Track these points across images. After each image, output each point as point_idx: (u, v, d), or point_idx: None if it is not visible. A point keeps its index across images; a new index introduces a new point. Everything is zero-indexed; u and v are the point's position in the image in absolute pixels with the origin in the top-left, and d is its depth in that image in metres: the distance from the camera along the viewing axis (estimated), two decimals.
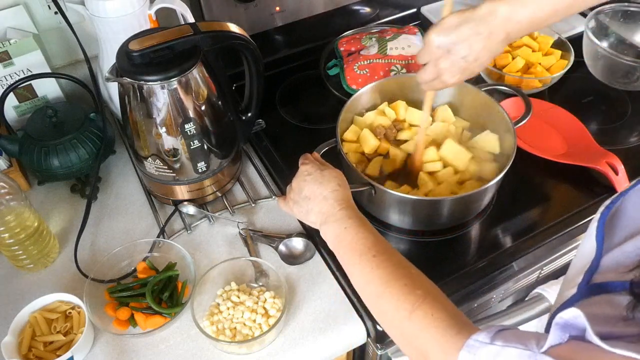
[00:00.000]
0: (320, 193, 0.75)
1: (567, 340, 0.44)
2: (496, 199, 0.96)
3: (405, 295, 0.61)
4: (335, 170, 0.79)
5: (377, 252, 0.67)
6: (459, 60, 0.73)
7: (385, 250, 0.68)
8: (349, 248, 0.70)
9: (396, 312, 0.62)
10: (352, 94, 0.98)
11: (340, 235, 0.71)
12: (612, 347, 0.39)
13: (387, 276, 0.64)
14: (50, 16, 1.09)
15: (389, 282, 0.63)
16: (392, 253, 0.68)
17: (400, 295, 0.62)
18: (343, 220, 0.72)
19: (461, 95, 1.00)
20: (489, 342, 0.50)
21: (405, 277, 0.64)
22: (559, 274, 0.97)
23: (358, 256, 0.68)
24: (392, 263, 0.66)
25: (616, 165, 0.97)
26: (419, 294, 0.61)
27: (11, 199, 0.82)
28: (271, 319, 0.80)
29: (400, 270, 0.65)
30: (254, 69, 0.93)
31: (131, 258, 0.88)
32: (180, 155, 0.89)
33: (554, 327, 0.45)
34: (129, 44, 0.79)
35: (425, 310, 0.59)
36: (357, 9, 1.32)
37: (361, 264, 0.67)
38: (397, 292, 0.62)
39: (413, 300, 0.60)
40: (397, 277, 0.64)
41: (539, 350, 0.45)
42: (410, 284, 0.62)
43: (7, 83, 1.01)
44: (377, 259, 0.66)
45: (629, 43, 1.20)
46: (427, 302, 0.60)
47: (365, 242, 0.68)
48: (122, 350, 0.80)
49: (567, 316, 0.44)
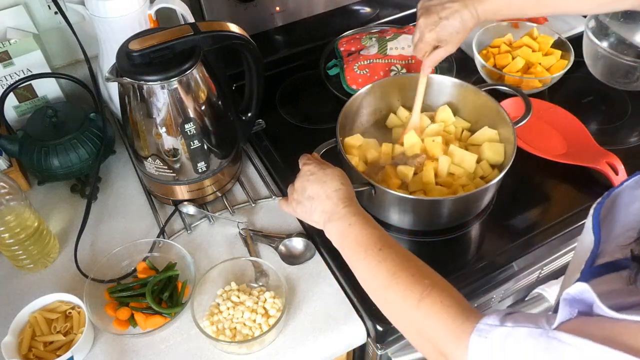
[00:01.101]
0: (323, 192, 0.75)
1: (576, 316, 0.45)
2: (496, 199, 0.96)
3: (413, 285, 0.62)
4: (337, 169, 0.79)
5: (383, 246, 0.67)
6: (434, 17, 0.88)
7: (391, 244, 0.68)
8: (354, 244, 0.70)
9: (404, 301, 0.62)
10: (352, 94, 0.98)
11: (345, 231, 0.71)
12: (620, 314, 0.40)
13: (394, 267, 0.65)
14: (50, 16, 1.09)
15: (396, 274, 0.64)
16: (398, 247, 0.68)
17: (407, 284, 0.62)
18: (347, 217, 0.72)
19: (461, 95, 1.00)
20: (499, 324, 0.51)
21: (412, 267, 0.64)
22: (559, 274, 0.97)
23: (364, 251, 0.68)
24: (399, 255, 0.66)
25: (616, 165, 0.97)
26: (426, 283, 0.61)
27: (11, 199, 0.82)
28: (271, 319, 0.80)
29: (406, 262, 0.65)
30: (254, 69, 0.93)
31: (131, 258, 0.88)
32: (180, 155, 0.89)
33: (562, 303, 0.45)
34: (129, 44, 0.79)
35: (434, 298, 0.60)
36: (357, 9, 1.32)
37: (367, 258, 0.68)
38: (405, 282, 0.63)
39: (421, 289, 0.61)
40: (403, 268, 0.64)
41: (550, 327, 0.45)
42: (417, 274, 0.63)
43: (7, 83, 1.01)
44: (384, 252, 0.67)
45: (629, 43, 1.20)
46: (435, 291, 0.60)
47: (370, 237, 0.69)
48: (122, 350, 0.80)
49: (574, 291, 0.44)
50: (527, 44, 1.18)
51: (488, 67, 1.14)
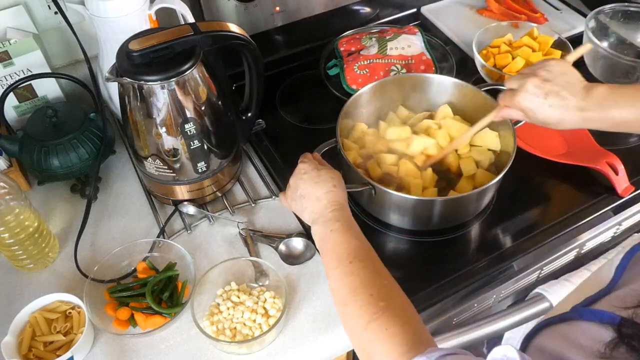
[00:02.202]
0: (314, 193, 0.75)
1: None
2: (496, 199, 0.96)
3: (367, 306, 0.62)
4: (333, 171, 0.79)
5: (354, 259, 0.67)
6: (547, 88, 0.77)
7: (364, 257, 0.68)
8: (330, 251, 0.70)
9: (356, 321, 0.62)
10: (352, 94, 0.98)
11: (325, 237, 0.71)
12: None
13: (356, 284, 0.64)
14: (50, 16, 1.09)
15: (357, 291, 0.64)
16: (371, 260, 0.68)
17: (363, 304, 0.62)
18: (330, 223, 0.72)
19: (461, 95, 1.00)
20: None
21: (373, 287, 0.64)
22: (559, 274, 0.98)
23: (337, 261, 0.68)
24: (366, 271, 0.66)
25: (616, 165, 0.97)
26: (380, 306, 0.61)
27: (11, 199, 0.82)
28: (271, 319, 0.80)
29: (372, 279, 0.65)
30: (254, 69, 0.93)
31: (131, 258, 0.88)
32: (180, 155, 0.89)
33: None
34: (129, 44, 0.79)
35: (382, 323, 0.59)
36: (357, 9, 1.32)
37: (337, 269, 0.67)
38: (361, 301, 0.63)
39: (373, 312, 0.61)
40: (366, 286, 0.64)
41: None
42: (375, 295, 0.63)
43: (7, 83, 1.01)
44: (353, 265, 0.66)
45: (629, 43, 1.20)
46: (385, 316, 0.60)
47: (347, 247, 0.68)
48: (122, 350, 0.80)
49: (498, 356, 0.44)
50: (527, 44, 1.18)
51: (488, 67, 1.14)
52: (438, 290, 0.85)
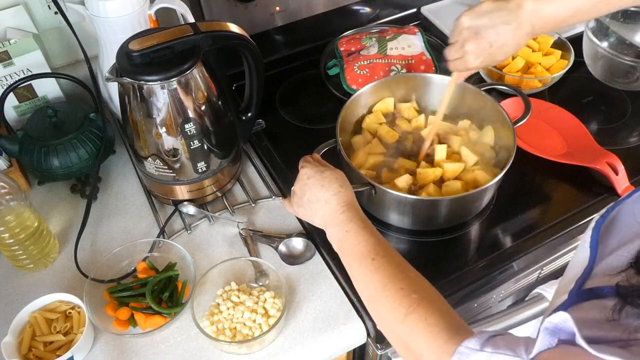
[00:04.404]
0: (322, 197, 0.75)
1: (555, 345, 0.44)
2: (496, 199, 0.96)
3: (400, 299, 0.62)
4: (336, 171, 0.79)
5: (376, 255, 0.67)
6: (485, 44, 0.78)
7: (385, 253, 0.68)
8: (349, 251, 0.70)
9: (391, 315, 0.62)
10: (352, 94, 0.98)
11: (342, 239, 0.71)
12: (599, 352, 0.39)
13: (384, 279, 0.65)
14: (50, 16, 1.09)
15: (386, 286, 0.64)
16: (392, 256, 0.68)
17: (396, 298, 0.62)
18: (344, 224, 0.72)
19: (461, 95, 1.00)
20: (479, 348, 0.51)
21: (402, 280, 0.64)
22: (559, 274, 0.97)
23: (358, 260, 0.68)
24: (391, 266, 0.66)
25: (616, 165, 0.97)
26: (414, 297, 0.61)
27: (11, 199, 0.82)
28: (271, 319, 0.80)
29: (398, 273, 0.65)
30: (254, 69, 0.93)
31: (131, 258, 0.88)
32: (180, 155, 0.89)
33: (542, 332, 0.45)
34: (129, 44, 0.79)
35: (420, 314, 0.60)
36: (357, 9, 1.32)
37: (361, 267, 0.68)
38: (393, 295, 0.63)
39: (408, 304, 0.61)
40: (394, 280, 0.64)
41: (527, 356, 0.45)
42: (406, 288, 0.63)
43: (7, 83, 1.01)
44: (376, 262, 0.66)
45: (629, 43, 1.20)
46: (421, 306, 0.60)
47: (365, 245, 0.69)
48: (122, 350, 0.80)
49: (556, 320, 0.44)
50: (527, 44, 1.18)
51: (488, 67, 1.14)
52: (438, 290, 0.85)
